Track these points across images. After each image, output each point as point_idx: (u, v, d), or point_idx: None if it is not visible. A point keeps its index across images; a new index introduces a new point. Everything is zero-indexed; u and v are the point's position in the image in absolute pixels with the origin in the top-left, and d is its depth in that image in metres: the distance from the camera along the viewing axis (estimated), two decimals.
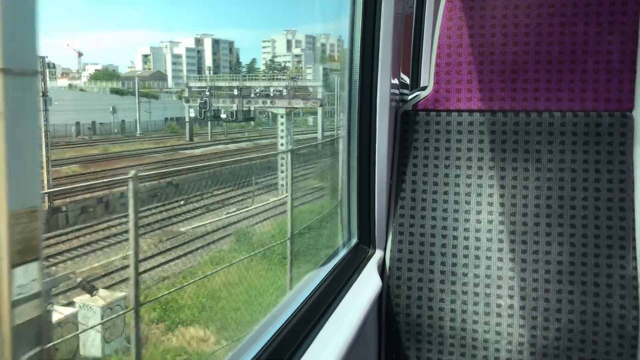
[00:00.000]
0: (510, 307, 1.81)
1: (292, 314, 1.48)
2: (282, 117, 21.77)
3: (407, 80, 2.48)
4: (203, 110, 27.42)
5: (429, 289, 1.88)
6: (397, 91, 1.99)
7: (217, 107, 27.94)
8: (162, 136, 29.38)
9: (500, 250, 1.83)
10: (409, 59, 3.27)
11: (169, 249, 12.25)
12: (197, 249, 12.61)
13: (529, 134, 1.83)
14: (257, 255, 11.27)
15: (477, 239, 1.85)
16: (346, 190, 2.07)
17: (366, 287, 1.75)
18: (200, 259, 12.08)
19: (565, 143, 1.80)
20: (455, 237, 1.87)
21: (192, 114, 28.19)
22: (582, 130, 1.79)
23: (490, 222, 1.85)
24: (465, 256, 1.86)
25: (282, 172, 17.78)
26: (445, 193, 1.89)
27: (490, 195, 1.85)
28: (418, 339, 1.90)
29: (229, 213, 15.38)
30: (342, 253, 1.96)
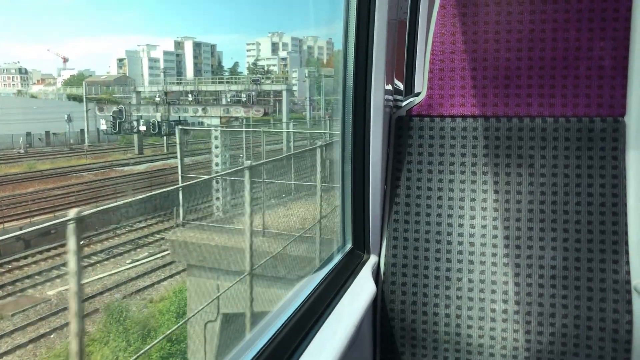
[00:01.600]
0: (505, 312, 1.81)
1: (286, 320, 1.48)
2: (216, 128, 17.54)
3: (401, 86, 2.49)
4: (118, 120, 22.38)
5: (424, 294, 1.88)
6: (391, 97, 1.99)
7: (141, 116, 22.60)
8: (112, 148, 25.29)
9: (494, 255, 1.83)
10: (402, 65, 3.29)
11: None
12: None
13: (522, 139, 1.84)
14: None
15: (471, 244, 1.86)
16: (340, 196, 2.07)
17: (361, 292, 1.75)
18: None
19: (558, 148, 1.81)
20: (449, 242, 1.87)
21: (104, 126, 23.12)
22: (574, 136, 1.80)
23: (484, 227, 1.85)
24: (460, 261, 1.86)
25: (217, 198, 14.83)
26: (440, 198, 1.90)
27: (484, 200, 1.86)
28: (413, 344, 1.90)
29: (135, 260, 12.27)
30: (337, 258, 1.96)
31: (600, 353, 1.74)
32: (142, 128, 22.85)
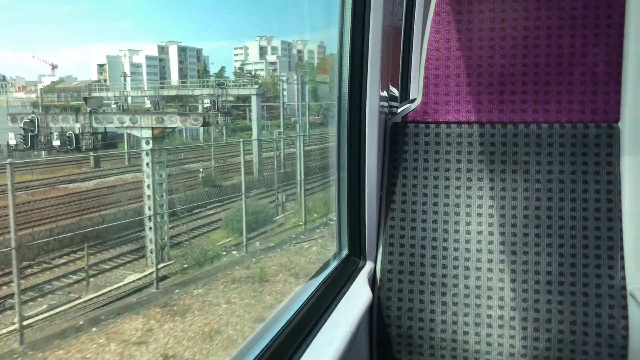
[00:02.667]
0: (501, 317, 1.81)
1: (282, 328, 1.47)
2: (147, 142, 14.14)
3: (396, 92, 2.49)
4: (30, 133, 17.49)
5: (420, 300, 1.88)
6: (386, 103, 2.00)
7: (62, 127, 17.68)
8: (66, 161, 21.48)
9: (490, 260, 1.83)
10: (398, 71, 3.29)
11: None
12: None
13: (517, 145, 1.84)
14: None
15: (467, 250, 1.86)
16: (336, 202, 2.07)
17: (357, 299, 1.75)
18: None
19: (553, 154, 1.81)
20: (445, 248, 1.87)
21: (13, 140, 18.46)
22: (569, 142, 1.80)
23: (479, 232, 1.85)
24: (456, 267, 1.86)
25: (150, 228, 12.69)
26: (435, 204, 1.90)
27: (480, 206, 1.86)
28: (409, 351, 1.89)
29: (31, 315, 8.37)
30: (333, 265, 1.95)
31: (596, 358, 1.74)
32: (56, 143, 17.96)
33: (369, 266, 1.93)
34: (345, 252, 2.01)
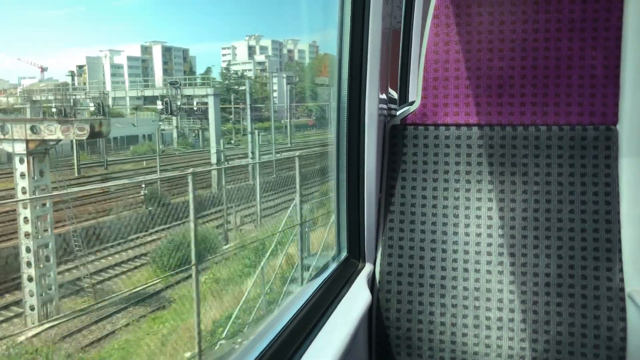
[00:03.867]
0: (499, 319, 1.81)
1: (281, 330, 1.47)
2: (21, 161, 10.14)
3: (395, 95, 2.50)
4: None
5: (419, 302, 1.88)
6: (385, 106, 2.00)
7: None
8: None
9: (488, 263, 1.84)
10: (397, 74, 3.30)
11: None
12: None
13: (515, 147, 1.85)
14: None
15: (466, 252, 1.86)
16: (335, 204, 2.07)
17: (356, 301, 1.75)
18: None
19: (551, 156, 1.82)
20: (444, 251, 1.88)
21: None
22: (567, 144, 1.81)
23: (478, 235, 1.86)
24: (454, 269, 1.86)
25: (29, 278, 9.70)
26: (434, 206, 1.90)
27: (478, 208, 1.87)
28: (408, 353, 1.89)
29: None
30: (332, 267, 1.96)
31: None
32: None
33: (368, 268, 1.93)
34: (344, 254, 2.01)
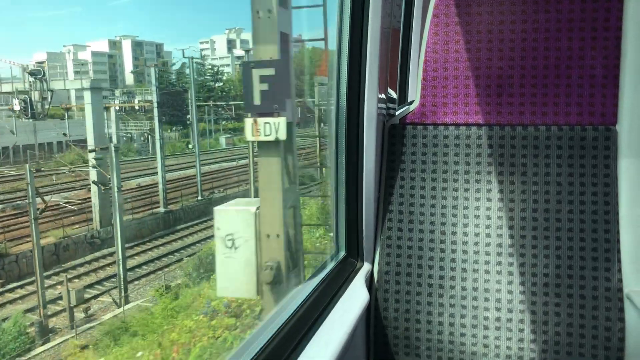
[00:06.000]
0: (497, 319, 1.81)
1: (278, 329, 1.47)
2: None
3: (394, 94, 2.50)
4: None
5: (417, 302, 1.88)
6: (384, 105, 2.00)
7: None
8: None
9: (487, 263, 1.84)
10: (396, 73, 3.30)
11: None
12: None
13: (514, 147, 1.84)
14: None
15: (464, 252, 1.86)
16: (334, 203, 2.07)
17: (354, 300, 1.74)
18: None
19: (550, 157, 1.82)
20: (442, 250, 1.87)
21: None
22: (566, 144, 1.81)
23: (476, 235, 1.85)
24: (453, 269, 1.86)
25: None
26: (433, 206, 1.90)
27: (477, 208, 1.86)
28: (406, 352, 1.89)
29: None
30: (330, 266, 1.95)
31: None
32: None
33: (366, 267, 1.93)
34: (342, 253, 2.01)
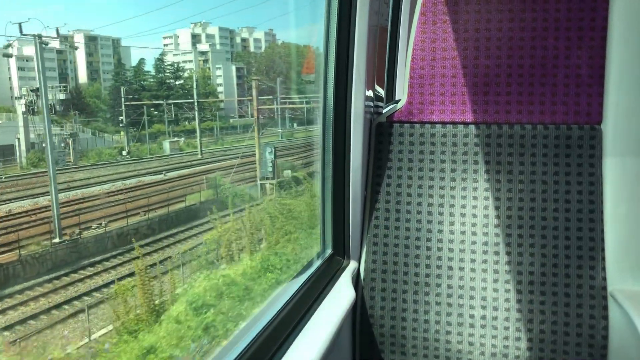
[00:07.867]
0: (483, 317, 1.82)
1: (263, 328, 1.46)
2: None
3: (382, 92, 2.50)
4: None
5: (403, 300, 1.88)
6: (371, 103, 2.00)
7: None
8: None
9: (472, 260, 1.84)
10: (383, 71, 3.30)
11: None
12: None
13: (500, 146, 1.85)
14: None
15: (450, 250, 1.86)
16: (321, 201, 2.06)
17: (340, 298, 1.74)
18: None
19: (536, 155, 1.83)
20: (428, 248, 1.88)
21: None
22: (552, 143, 1.82)
23: (463, 232, 1.86)
24: (439, 267, 1.86)
25: None
26: (419, 204, 1.90)
27: (463, 206, 1.87)
28: (392, 350, 1.89)
29: None
30: (317, 264, 1.95)
31: (576, 358, 1.76)
32: None
33: (352, 265, 1.93)
34: (329, 251, 2.00)
